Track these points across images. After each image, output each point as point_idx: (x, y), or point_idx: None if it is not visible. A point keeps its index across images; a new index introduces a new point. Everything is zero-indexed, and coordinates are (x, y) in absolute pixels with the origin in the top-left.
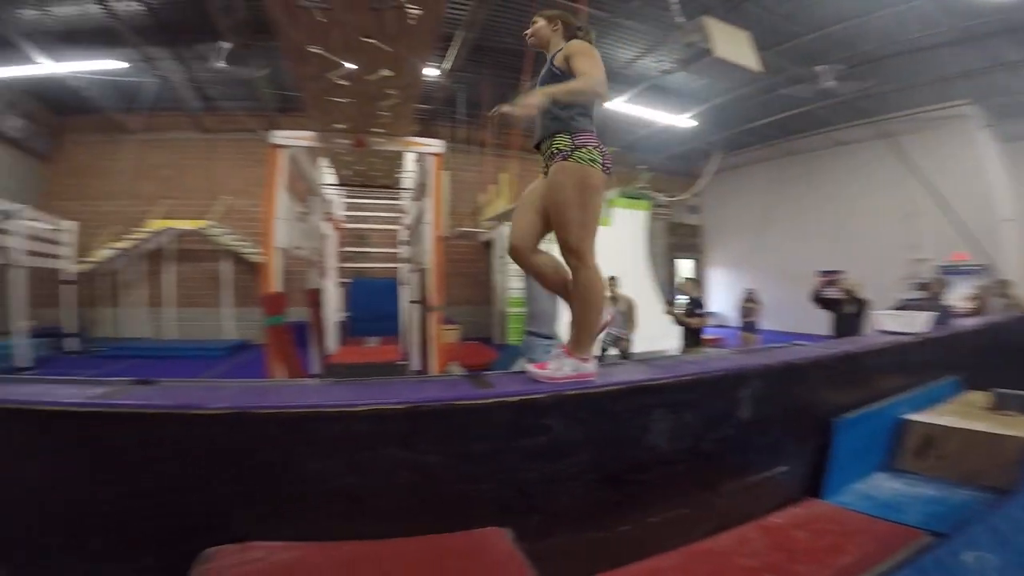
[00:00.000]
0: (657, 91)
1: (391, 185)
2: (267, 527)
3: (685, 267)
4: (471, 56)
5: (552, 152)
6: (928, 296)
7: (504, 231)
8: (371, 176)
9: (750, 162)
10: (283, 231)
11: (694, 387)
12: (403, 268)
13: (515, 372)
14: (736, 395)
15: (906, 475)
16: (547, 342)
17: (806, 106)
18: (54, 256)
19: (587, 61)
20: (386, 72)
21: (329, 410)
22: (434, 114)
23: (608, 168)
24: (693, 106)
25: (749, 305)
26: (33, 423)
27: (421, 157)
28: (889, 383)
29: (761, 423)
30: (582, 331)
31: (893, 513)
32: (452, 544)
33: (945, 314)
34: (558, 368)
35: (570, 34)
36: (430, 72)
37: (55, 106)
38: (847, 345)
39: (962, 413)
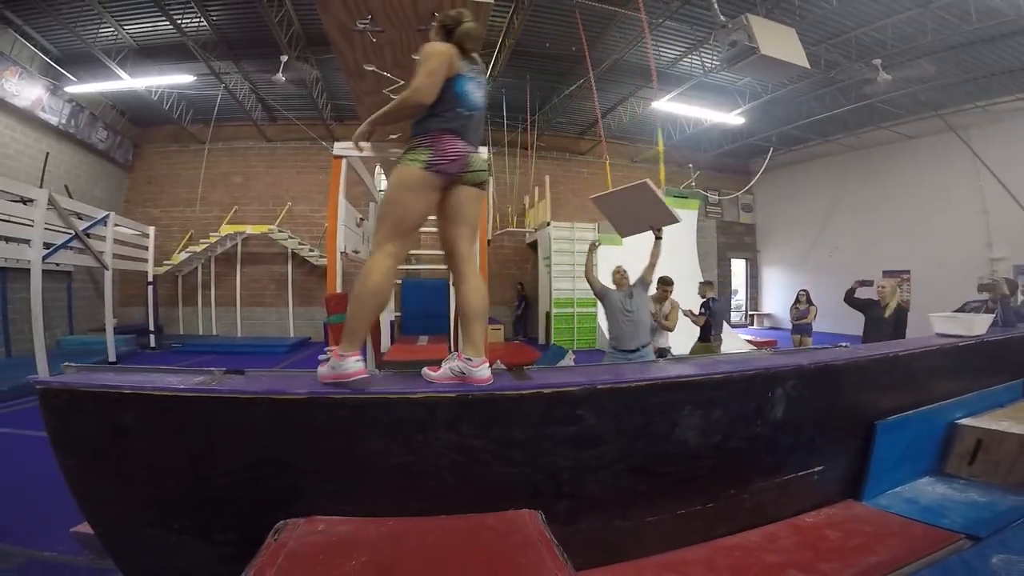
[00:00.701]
0: (705, 88)
1: None
2: (332, 503)
3: (738, 267)
4: (511, 61)
5: None
6: (994, 298)
7: (551, 232)
8: None
9: (808, 158)
10: (344, 236)
11: (724, 385)
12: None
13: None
14: (768, 395)
15: (954, 480)
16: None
17: (865, 100)
18: (137, 259)
19: (420, 70)
20: None
21: (391, 396)
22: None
23: (438, 166)
24: (743, 103)
25: (802, 307)
26: (151, 405)
27: None
28: (941, 387)
29: (795, 423)
30: (348, 320)
31: (933, 517)
32: (489, 523)
33: (1013, 316)
34: (443, 370)
35: (445, 35)
36: None
37: (135, 118)
38: (894, 347)
39: (1019, 419)
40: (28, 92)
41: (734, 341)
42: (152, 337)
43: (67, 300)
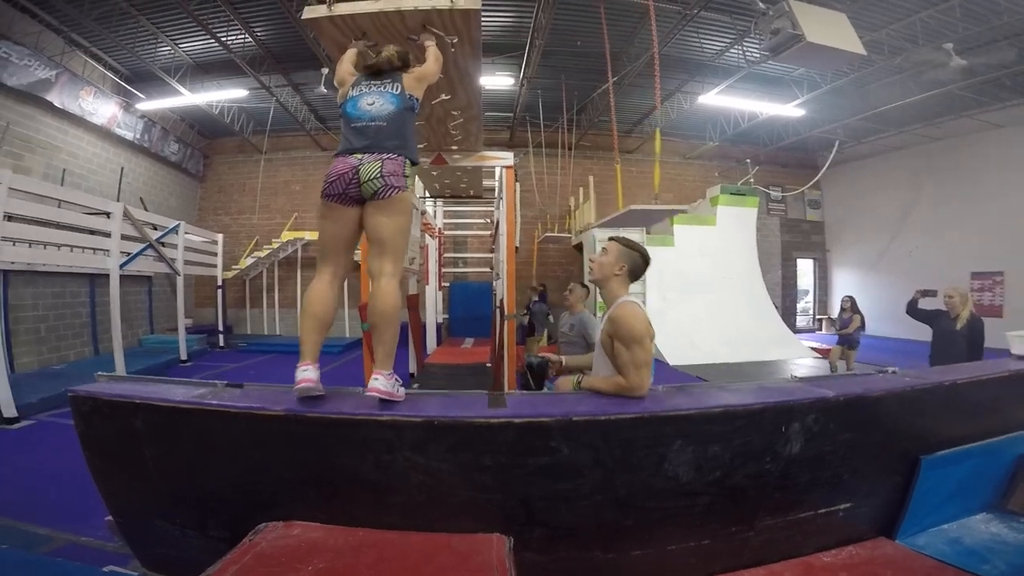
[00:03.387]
0: (756, 80)
1: (478, 195)
2: (309, 510)
3: (805, 267)
4: (544, 61)
5: None
6: None
7: (596, 233)
8: (459, 188)
9: (881, 151)
10: None
11: (723, 420)
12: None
13: (533, 393)
14: (781, 430)
15: (1017, 518)
16: None
17: (941, 87)
18: (207, 265)
19: None
20: (445, 96)
21: (358, 417)
22: (519, 121)
23: (324, 192)
24: (800, 94)
25: (845, 315)
26: (156, 414)
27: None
28: (1014, 417)
29: (816, 459)
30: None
31: (973, 561)
32: (453, 543)
33: None
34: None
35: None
36: (506, 81)
37: (203, 131)
38: (951, 374)
39: None
40: (103, 110)
41: (794, 348)
42: (221, 337)
43: (148, 302)
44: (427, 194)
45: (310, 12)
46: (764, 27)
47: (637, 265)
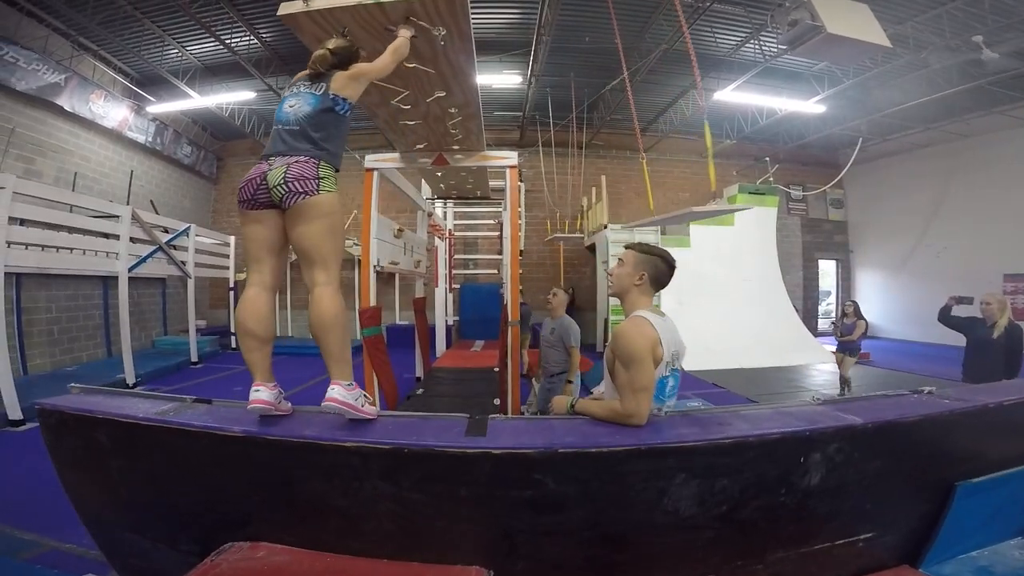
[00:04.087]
0: (774, 75)
1: (486, 196)
2: (277, 532)
3: (828, 268)
4: (552, 59)
5: None
6: None
7: (608, 234)
8: (466, 189)
9: (906, 148)
10: (379, 249)
11: (734, 452)
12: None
13: (525, 417)
14: (799, 460)
15: None
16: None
17: (972, 82)
18: (219, 267)
19: None
20: (440, 93)
21: (323, 443)
22: (528, 120)
23: (237, 196)
24: (821, 89)
25: (848, 320)
26: (117, 430)
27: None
28: None
29: (838, 490)
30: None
31: None
32: (427, 574)
33: None
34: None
35: None
36: (513, 79)
37: (216, 133)
38: (996, 394)
39: None
40: (114, 113)
41: (815, 352)
42: (233, 339)
43: (161, 303)
44: (434, 196)
45: (286, 8)
46: (781, 19)
47: (660, 271)
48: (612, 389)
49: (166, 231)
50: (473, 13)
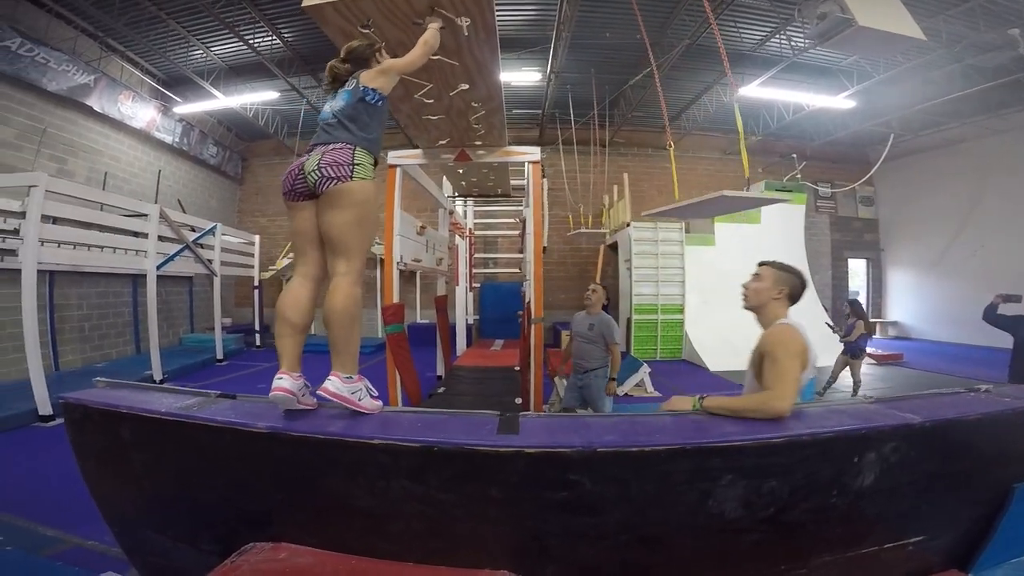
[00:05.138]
0: (801, 70)
1: (507, 194)
2: (300, 532)
3: (857, 267)
4: (572, 55)
5: None
6: None
7: (631, 232)
8: (487, 187)
9: (940, 144)
10: (402, 246)
11: (785, 451)
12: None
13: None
14: (853, 460)
15: None
16: None
17: (1008, 76)
18: (244, 266)
19: None
20: (463, 86)
21: (348, 440)
22: (548, 118)
23: (281, 189)
24: (850, 84)
25: (850, 320)
26: (141, 425)
27: (525, 166)
28: None
29: (891, 491)
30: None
31: None
32: None
33: None
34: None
35: None
36: (533, 76)
37: (241, 134)
38: None
39: None
40: (142, 114)
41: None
42: (258, 336)
43: (189, 301)
44: (456, 193)
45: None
46: (809, 13)
47: (796, 288)
48: (755, 392)
49: (193, 230)
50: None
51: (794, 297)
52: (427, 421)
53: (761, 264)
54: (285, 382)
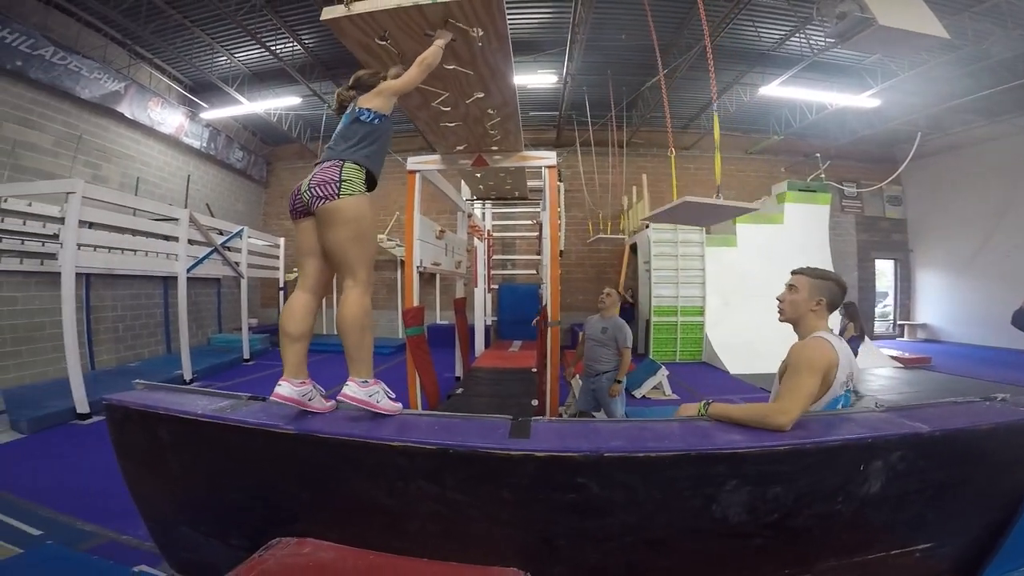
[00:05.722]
0: (822, 69)
1: (524, 197)
2: (323, 528)
3: (885, 268)
4: (588, 57)
5: None
6: None
7: (650, 234)
8: (504, 190)
9: (970, 142)
10: (422, 250)
11: (790, 459)
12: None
13: (569, 419)
14: (859, 468)
15: None
16: None
17: None
18: (270, 268)
19: None
20: (478, 94)
21: (370, 442)
22: (565, 120)
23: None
24: (873, 83)
25: (843, 322)
26: (178, 426)
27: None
28: None
29: (898, 498)
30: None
31: None
32: (466, 575)
33: None
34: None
35: None
36: (549, 79)
37: (265, 138)
38: None
39: None
40: (171, 120)
41: (871, 356)
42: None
43: (217, 302)
44: (474, 196)
45: (329, 13)
46: (828, 12)
47: (835, 295)
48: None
49: (220, 233)
50: (507, 12)
51: (833, 305)
52: (444, 424)
53: (795, 272)
54: (284, 388)
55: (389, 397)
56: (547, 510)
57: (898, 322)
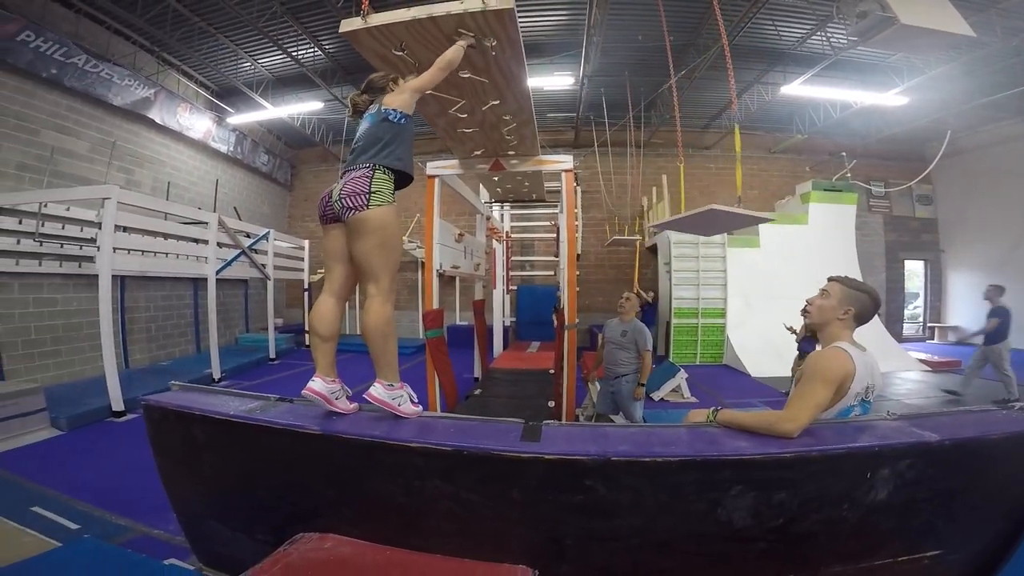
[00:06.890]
0: (845, 67)
1: (541, 199)
2: (344, 525)
3: (915, 269)
4: (605, 58)
5: None
6: None
7: (671, 235)
8: (522, 193)
9: (1002, 140)
10: (442, 254)
11: (796, 465)
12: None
13: (580, 424)
14: (866, 476)
15: None
16: None
17: None
18: (295, 269)
19: None
20: (494, 101)
21: (390, 443)
22: (583, 121)
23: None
24: (899, 81)
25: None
26: (211, 426)
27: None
28: None
29: (906, 506)
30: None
31: None
32: (478, 571)
33: None
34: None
35: None
36: (565, 81)
37: (290, 142)
38: None
39: None
40: (199, 125)
41: (899, 359)
42: (307, 336)
43: (244, 303)
44: (492, 199)
45: (347, 25)
46: (848, 11)
47: (866, 308)
48: None
49: (248, 236)
50: (521, 17)
51: (862, 318)
52: (460, 426)
53: (831, 280)
54: (316, 384)
55: (412, 402)
56: (556, 511)
57: (928, 324)
